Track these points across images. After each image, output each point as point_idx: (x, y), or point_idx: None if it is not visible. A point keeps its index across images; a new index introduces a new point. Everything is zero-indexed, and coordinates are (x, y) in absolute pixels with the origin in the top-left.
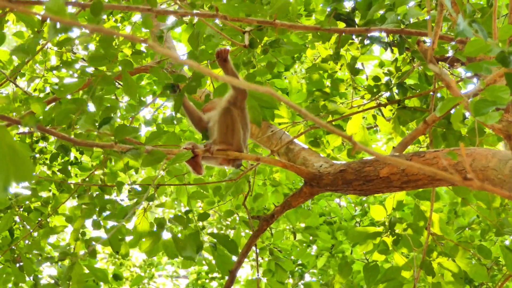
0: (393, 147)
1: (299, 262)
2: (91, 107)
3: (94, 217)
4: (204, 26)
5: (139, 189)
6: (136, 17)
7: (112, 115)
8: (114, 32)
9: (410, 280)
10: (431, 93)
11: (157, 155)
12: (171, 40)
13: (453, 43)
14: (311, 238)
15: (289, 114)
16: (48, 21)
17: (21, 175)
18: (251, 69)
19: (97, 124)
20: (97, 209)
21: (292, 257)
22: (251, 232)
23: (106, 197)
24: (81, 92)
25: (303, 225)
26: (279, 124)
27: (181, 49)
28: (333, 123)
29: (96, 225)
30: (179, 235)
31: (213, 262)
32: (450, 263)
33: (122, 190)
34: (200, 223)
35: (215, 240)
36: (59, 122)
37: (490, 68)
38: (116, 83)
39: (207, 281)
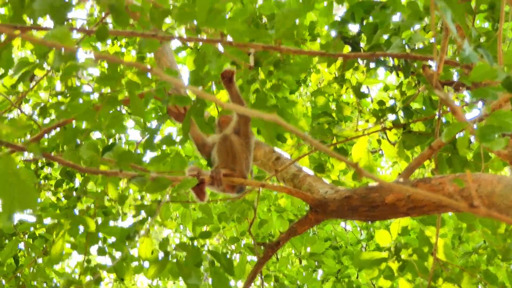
0: (399, 173)
1: (305, 287)
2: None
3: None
4: (209, 47)
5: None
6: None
7: (117, 140)
8: (119, 60)
9: None
10: (436, 117)
11: (162, 182)
12: (175, 65)
13: (459, 67)
14: (316, 263)
15: (293, 139)
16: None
17: (25, 203)
18: (255, 87)
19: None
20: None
21: (298, 282)
22: (256, 259)
23: (111, 223)
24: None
25: (309, 249)
26: (281, 144)
27: (186, 73)
28: (338, 146)
29: (101, 252)
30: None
31: None
32: None
33: (125, 204)
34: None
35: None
36: (66, 142)
37: (496, 94)
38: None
39: None
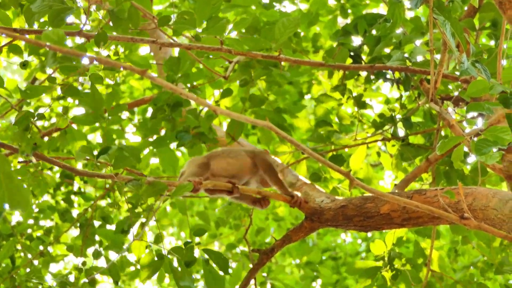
0: (395, 184)
1: None
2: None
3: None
4: (186, 55)
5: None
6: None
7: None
8: (115, 63)
9: None
10: (435, 131)
11: (158, 186)
12: None
13: (457, 82)
14: (315, 273)
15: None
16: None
17: (16, 202)
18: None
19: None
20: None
21: None
22: (251, 266)
23: (108, 226)
24: None
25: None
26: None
27: None
28: (336, 153)
29: (97, 255)
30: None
31: None
32: None
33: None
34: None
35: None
36: None
37: (491, 109)
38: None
39: None
